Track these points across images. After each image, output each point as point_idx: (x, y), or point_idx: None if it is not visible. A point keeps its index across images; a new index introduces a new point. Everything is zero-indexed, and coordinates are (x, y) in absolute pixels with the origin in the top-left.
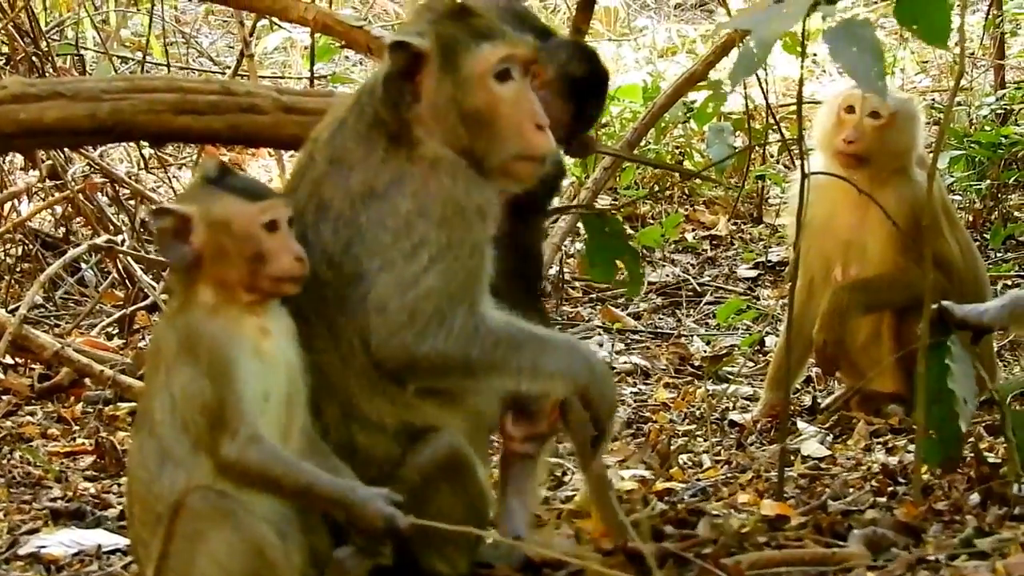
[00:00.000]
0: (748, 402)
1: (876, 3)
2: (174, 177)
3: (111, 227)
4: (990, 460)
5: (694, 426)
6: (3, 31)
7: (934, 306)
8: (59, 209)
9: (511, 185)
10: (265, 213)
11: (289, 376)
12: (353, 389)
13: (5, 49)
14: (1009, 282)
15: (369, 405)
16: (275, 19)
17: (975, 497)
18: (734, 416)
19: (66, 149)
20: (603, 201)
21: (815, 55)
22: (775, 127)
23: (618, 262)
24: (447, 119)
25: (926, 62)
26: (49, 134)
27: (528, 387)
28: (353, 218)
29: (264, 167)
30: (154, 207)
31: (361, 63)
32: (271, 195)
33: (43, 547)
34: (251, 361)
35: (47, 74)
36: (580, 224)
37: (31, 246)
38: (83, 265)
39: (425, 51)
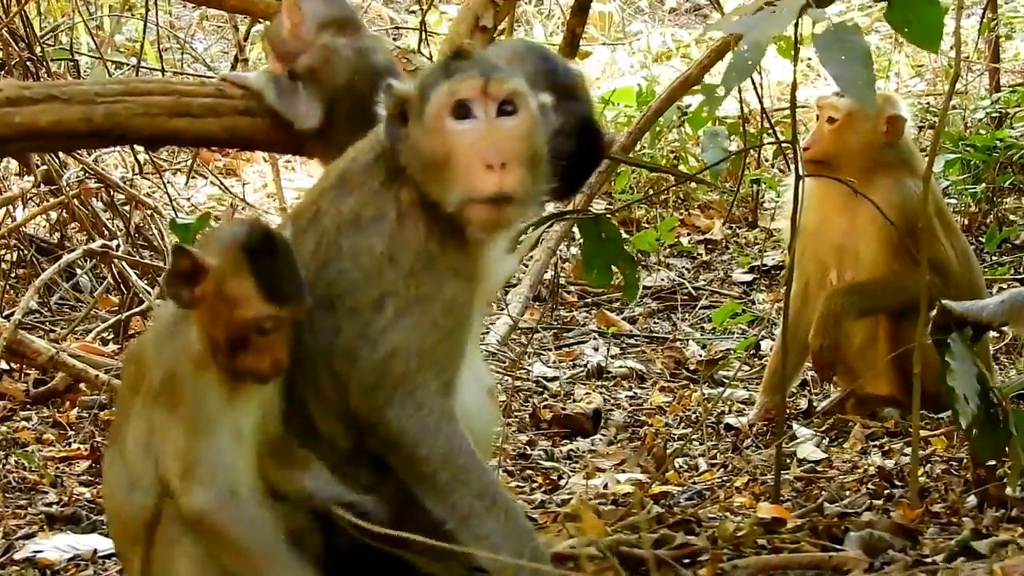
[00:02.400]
0: (744, 406)
1: (871, 7)
2: (169, 182)
3: (106, 232)
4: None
5: (690, 430)
6: None
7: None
8: (54, 214)
9: (478, 232)
10: (270, 320)
11: (265, 413)
12: (311, 406)
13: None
14: (1005, 286)
15: (323, 423)
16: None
17: (972, 499)
18: (730, 420)
19: (60, 154)
20: (598, 205)
21: (809, 59)
22: (770, 131)
23: (614, 267)
24: (416, 165)
25: (921, 66)
26: (44, 137)
27: (450, 527)
28: (336, 241)
29: (259, 172)
30: (177, 247)
31: None
32: (292, 299)
33: (39, 552)
34: (227, 409)
35: (41, 79)
36: (576, 229)
37: (26, 251)
38: (78, 271)
39: (407, 97)
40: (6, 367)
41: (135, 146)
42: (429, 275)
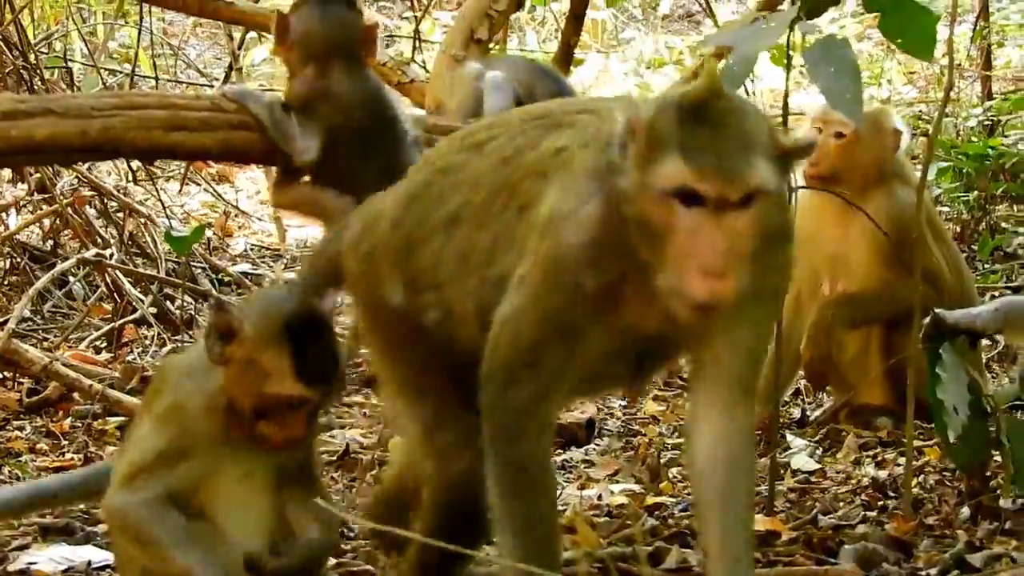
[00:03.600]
0: None
1: (863, 15)
2: (162, 189)
3: (99, 240)
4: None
5: (684, 440)
6: None
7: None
8: (47, 222)
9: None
10: (300, 400)
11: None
12: (451, 322)
13: None
14: (997, 293)
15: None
16: (263, 33)
17: (966, 511)
18: None
19: None
20: None
21: (802, 66)
22: None
23: None
24: (628, 204)
25: (913, 73)
26: (40, 151)
27: (495, 532)
28: (529, 185)
29: (252, 179)
30: (216, 300)
31: None
32: (325, 382)
33: (33, 563)
34: (215, 454)
35: (35, 86)
36: None
37: (19, 259)
38: (71, 278)
39: (636, 127)
40: None
41: None
42: (553, 281)
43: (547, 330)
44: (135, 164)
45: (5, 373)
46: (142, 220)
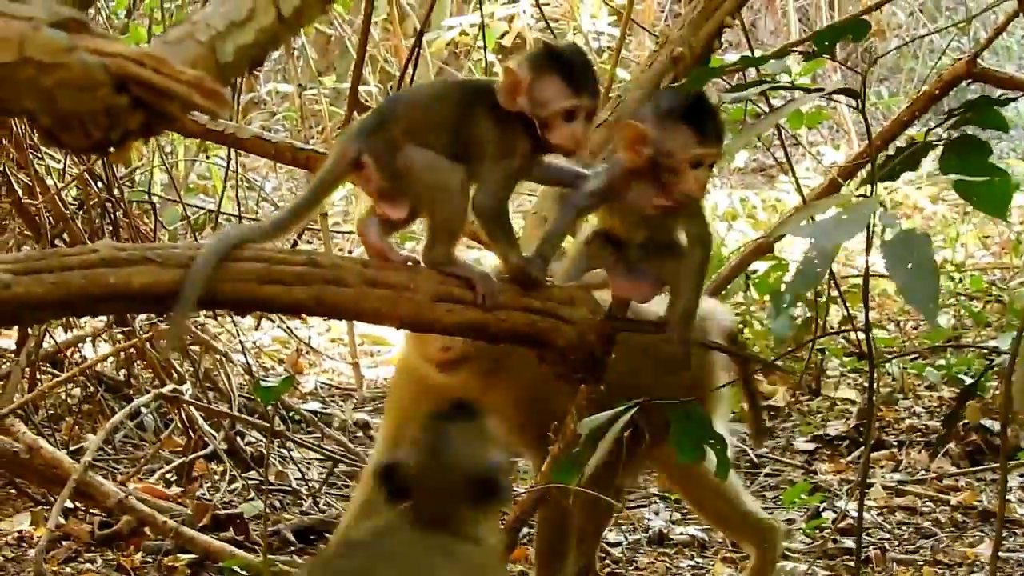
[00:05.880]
0: None
1: (936, 174)
2: (235, 323)
3: (174, 374)
4: None
5: None
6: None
7: None
8: (122, 353)
9: None
10: None
11: None
12: None
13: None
14: None
15: None
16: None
17: None
18: None
19: None
20: None
21: (874, 225)
22: (838, 299)
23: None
24: None
25: (987, 237)
26: (135, 299)
27: None
28: None
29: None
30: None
31: None
32: None
33: None
34: None
35: (119, 220)
36: None
37: (93, 388)
38: (143, 409)
39: None
40: (71, 506)
41: None
42: None
43: None
44: None
45: (77, 504)
46: (218, 357)
